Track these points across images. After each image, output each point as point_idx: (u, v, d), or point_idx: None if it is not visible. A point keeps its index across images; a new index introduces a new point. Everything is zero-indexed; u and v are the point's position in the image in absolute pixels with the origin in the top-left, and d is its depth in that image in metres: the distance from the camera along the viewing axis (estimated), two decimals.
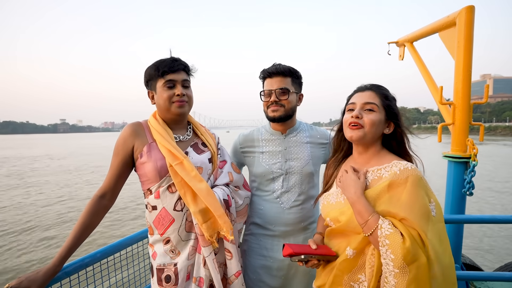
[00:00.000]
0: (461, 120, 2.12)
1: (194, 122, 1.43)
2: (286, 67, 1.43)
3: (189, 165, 1.20)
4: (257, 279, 1.48)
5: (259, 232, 1.52)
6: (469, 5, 2.03)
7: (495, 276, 2.08)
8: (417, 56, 2.69)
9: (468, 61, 2.07)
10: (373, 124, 1.03)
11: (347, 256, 1.00)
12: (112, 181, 1.22)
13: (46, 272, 1.08)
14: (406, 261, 0.84)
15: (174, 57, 1.29)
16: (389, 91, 1.10)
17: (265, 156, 1.51)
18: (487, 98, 2.24)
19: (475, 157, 2.00)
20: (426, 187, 0.96)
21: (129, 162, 1.25)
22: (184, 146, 1.31)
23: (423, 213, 0.90)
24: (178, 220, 1.22)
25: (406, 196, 0.92)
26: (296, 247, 1.07)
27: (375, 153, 1.08)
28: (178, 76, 1.25)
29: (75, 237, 1.13)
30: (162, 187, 1.22)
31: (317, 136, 1.55)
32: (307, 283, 1.48)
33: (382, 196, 0.96)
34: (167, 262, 1.23)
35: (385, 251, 0.88)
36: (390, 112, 1.06)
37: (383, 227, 0.89)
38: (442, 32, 2.31)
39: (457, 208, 2.14)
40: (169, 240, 1.23)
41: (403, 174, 0.96)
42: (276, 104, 1.42)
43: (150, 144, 1.23)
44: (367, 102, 1.05)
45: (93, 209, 1.18)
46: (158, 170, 1.21)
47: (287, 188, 1.47)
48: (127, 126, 1.27)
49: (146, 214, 1.29)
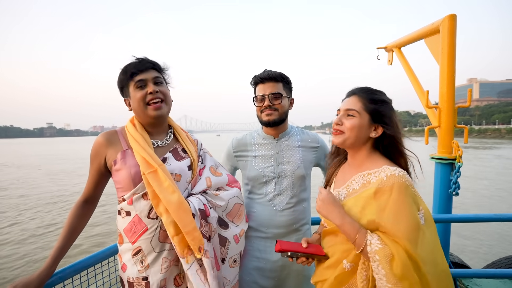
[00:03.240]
0: (446, 123, 2.20)
1: (175, 126, 1.37)
2: (277, 72, 1.48)
3: (163, 174, 1.13)
4: (250, 280, 1.51)
5: (252, 235, 1.54)
6: (452, 14, 2.12)
7: (483, 273, 2.15)
8: (404, 61, 2.78)
9: (451, 66, 2.16)
10: (352, 129, 1.05)
11: (344, 270, 1.00)
12: (91, 188, 1.24)
13: (40, 274, 1.09)
14: (398, 278, 0.85)
15: (140, 57, 1.25)
16: (378, 94, 1.09)
17: (258, 160, 1.55)
18: (470, 102, 2.33)
19: (460, 158, 2.08)
20: (413, 195, 0.95)
21: (103, 171, 1.23)
22: (162, 151, 1.26)
23: (410, 225, 0.89)
24: (151, 229, 1.16)
25: (392, 206, 0.92)
26: (286, 244, 1.12)
27: (365, 157, 1.08)
28: (148, 75, 1.21)
29: (64, 238, 1.16)
30: (137, 194, 1.17)
31: (308, 140, 1.59)
32: (300, 284, 1.51)
33: (370, 203, 0.97)
34: (137, 275, 1.15)
35: (377, 267, 0.89)
36: (376, 115, 1.06)
37: (372, 243, 0.90)
38: (427, 39, 2.40)
39: (444, 208, 2.21)
40: (140, 250, 1.16)
41: (389, 181, 0.95)
42: (270, 109, 1.46)
43: (125, 151, 1.20)
44: (347, 109, 1.08)
45: (78, 213, 1.22)
46: (132, 177, 1.16)
47: (279, 191, 1.51)
48: (100, 135, 1.24)
49: (118, 220, 1.24)
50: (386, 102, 1.08)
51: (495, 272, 2.15)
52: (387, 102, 1.09)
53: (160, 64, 1.29)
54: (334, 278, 1.02)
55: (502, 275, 2.19)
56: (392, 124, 1.06)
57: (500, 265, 2.79)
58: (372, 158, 1.08)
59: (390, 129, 1.05)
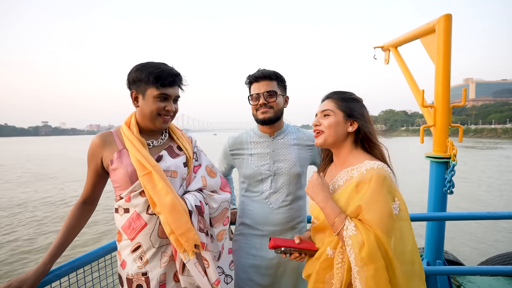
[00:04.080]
0: (441, 122, 2.21)
1: (170, 125, 1.37)
2: (271, 71, 1.50)
3: (157, 176, 1.14)
4: (247, 278, 1.52)
5: (248, 232, 1.56)
6: (447, 13, 2.14)
7: (476, 270, 2.18)
8: (401, 61, 2.80)
9: (447, 65, 2.18)
10: (330, 126, 1.14)
11: (327, 256, 1.08)
12: (89, 189, 1.25)
13: (36, 271, 1.09)
14: (364, 262, 0.92)
15: (174, 71, 1.22)
16: (348, 94, 1.19)
17: (254, 158, 1.56)
18: (465, 101, 2.36)
19: (455, 157, 2.10)
20: (390, 186, 1.01)
21: (100, 171, 1.24)
22: (158, 150, 1.27)
23: (383, 213, 0.96)
24: (150, 224, 1.17)
25: (369, 195, 0.99)
26: (280, 240, 1.15)
27: (347, 153, 1.15)
28: (174, 92, 1.22)
29: (62, 237, 1.16)
30: (134, 192, 1.17)
31: (304, 138, 1.60)
32: (296, 281, 1.53)
33: (353, 196, 1.04)
34: (136, 271, 1.16)
35: (349, 250, 0.97)
36: (348, 111, 1.15)
37: (349, 228, 0.98)
38: (423, 38, 2.41)
39: (439, 206, 2.23)
40: (139, 246, 1.17)
41: (368, 174, 1.02)
42: (265, 106, 1.47)
43: (121, 151, 1.20)
44: (322, 110, 1.18)
45: (77, 213, 1.23)
46: (129, 175, 1.18)
47: (275, 189, 1.52)
48: (95, 137, 1.24)
49: (116, 218, 1.24)
50: (355, 99, 1.19)
51: (488, 269, 2.18)
52: (357, 99, 1.19)
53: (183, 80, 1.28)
54: (319, 266, 1.09)
55: (496, 272, 2.21)
56: (364, 119, 1.15)
57: (494, 262, 2.83)
58: (354, 154, 1.14)
59: (363, 123, 1.14)
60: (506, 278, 2.22)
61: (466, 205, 9.46)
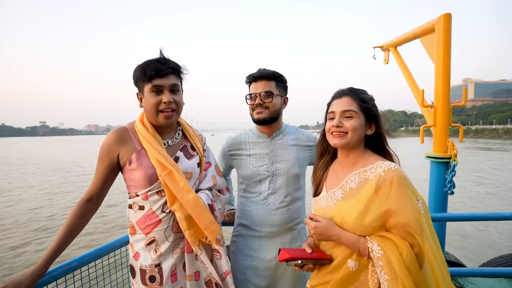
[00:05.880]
0: (441, 122, 2.20)
1: (183, 123, 1.39)
2: (270, 71, 1.48)
3: (178, 175, 1.18)
4: (244, 279, 1.50)
5: (246, 233, 1.54)
6: (447, 13, 2.13)
7: (478, 272, 2.15)
8: (400, 60, 2.79)
9: (447, 65, 2.17)
10: (355, 129, 1.07)
11: (349, 269, 1.02)
12: (98, 186, 1.22)
13: (32, 273, 1.07)
14: (398, 279, 0.89)
15: (162, 59, 1.21)
16: (366, 93, 1.13)
17: (252, 158, 1.54)
18: (465, 101, 2.34)
19: (455, 157, 2.08)
20: (410, 186, 1.00)
21: (115, 168, 1.23)
22: (173, 150, 1.28)
23: (415, 214, 0.95)
24: (165, 222, 1.21)
25: (396, 198, 0.96)
26: (292, 251, 1.08)
27: (359, 154, 1.11)
28: (166, 81, 1.18)
29: (61, 239, 1.13)
30: (152, 191, 1.20)
31: (302, 138, 1.59)
32: (294, 283, 1.51)
33: (373, 200, 0.99)
34: (150, 263, 1.20)
35: (380, 272, 0.94)
36: (369, 114, 1.10)
37: (374, 250, 0.95)
38: (423, 38, 2.41)
39: (439, 206, 2.21)
40: (154, 240, 1.21)
41: (388, 175, 0.99)
42: (260, 107, 1.46)
43: (139, 151, 1.21)
44: (345, 110, 1.09)
45: (80, 212, 1.18)
46: (149, 177, 1.19)
47: (273, 189, 1.50)
48: (111, 133, 1.23)
49: (130, 213, 1.26)
50: (373, 100, 1.14)
51: (490, 271, 2.16)
52: (374, 100, 1.14)
53: (181, 67, 1.25)
54: (339, 280, 1.03)
55: (498, 274, 2.20)
56: (381, 122, 1.11)
57: (496, 263, 2.80)
58: (364, 155, 1.11)
59: (381, 126, 1.11)
60: (508, 279, 2.20)
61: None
